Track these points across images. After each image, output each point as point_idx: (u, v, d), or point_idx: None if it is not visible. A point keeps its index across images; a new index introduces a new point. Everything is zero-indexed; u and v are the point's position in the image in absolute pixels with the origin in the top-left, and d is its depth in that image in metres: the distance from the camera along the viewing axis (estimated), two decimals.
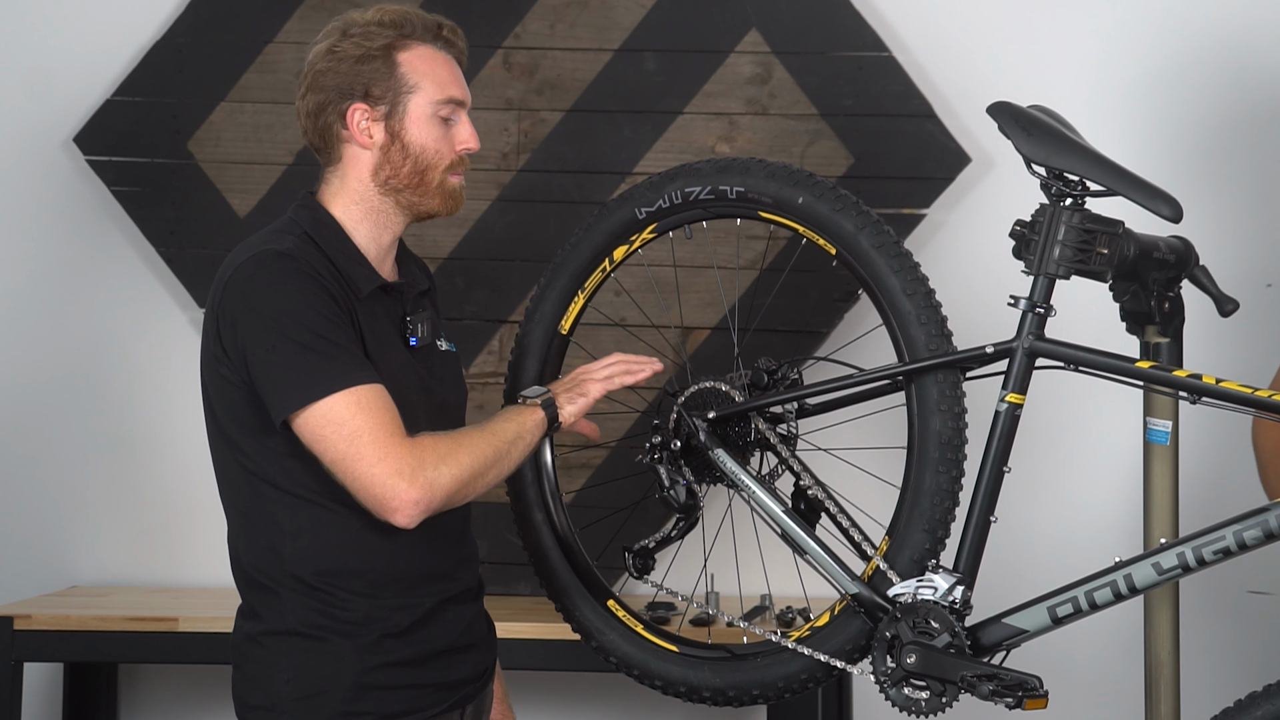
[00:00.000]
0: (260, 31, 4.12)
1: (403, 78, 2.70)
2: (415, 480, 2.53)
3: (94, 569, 4.22)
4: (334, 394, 2.53)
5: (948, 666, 2.63)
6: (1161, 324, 2.83)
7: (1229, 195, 3.94)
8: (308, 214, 2.72)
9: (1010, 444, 2.69)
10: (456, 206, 2.77)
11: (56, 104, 4.19)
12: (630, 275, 3.68)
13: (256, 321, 2.57)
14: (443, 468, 2.55)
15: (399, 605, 2.65)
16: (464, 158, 2.76)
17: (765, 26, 4.03)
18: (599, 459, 4.03)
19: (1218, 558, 2.54)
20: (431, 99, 2.71)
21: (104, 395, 4.21)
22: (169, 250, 4.14)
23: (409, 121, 2.70)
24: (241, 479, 2.64)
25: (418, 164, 2.70)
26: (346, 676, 2.62)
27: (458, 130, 2.74)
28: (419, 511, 2.54)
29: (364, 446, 2.52)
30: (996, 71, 3.99)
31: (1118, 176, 2.65)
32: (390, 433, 2.54)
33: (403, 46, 2.71)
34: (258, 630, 2.66)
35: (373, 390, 2.55)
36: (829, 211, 2.78)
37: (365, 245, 2.72)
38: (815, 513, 2.87)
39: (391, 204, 2.72)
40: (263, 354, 2.56)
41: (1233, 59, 3.96)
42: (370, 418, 2.53)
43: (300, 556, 2.62)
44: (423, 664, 2.67)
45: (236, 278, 2.60)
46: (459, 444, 2.59)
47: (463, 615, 2.74)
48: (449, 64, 2.75)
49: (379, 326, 2.68)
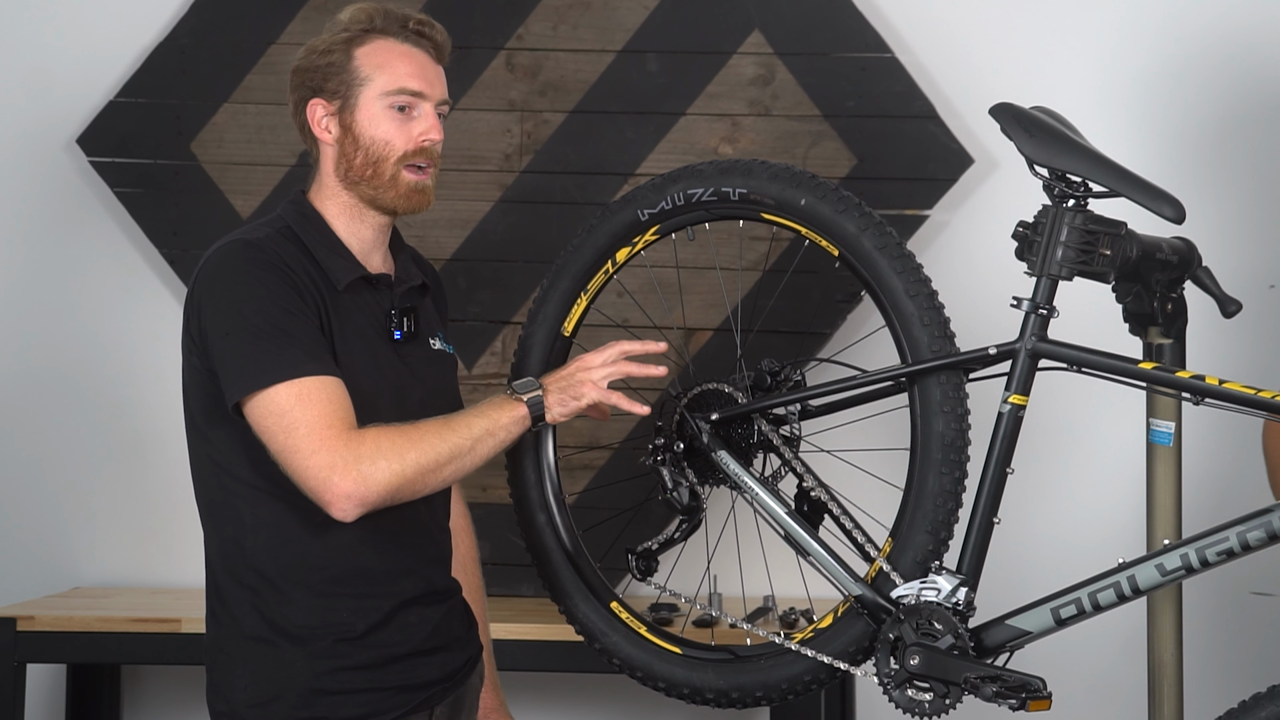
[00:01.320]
0: (263, 33, 4.12)
1: (355, 70, 2.71)
2: (348, 474, 2.51)
3: (97, 570, 4.22)
4: (279, 384, 2.53)
5: (951, 668, 2.63)
6: (1164, 325, 2.83)
7: (1232, 196, 3.94)
8: (294, 208, 2.74)
9: (1013, 445, 2.69)
10: (419, 203, 2.73)
11: (59, 105, 4.19)
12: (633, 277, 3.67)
13: (216, 307, 2.59)
14: (381, 462, 2.52)
15: (357, 607, 2.64)
16: (426, 150, 2.72)
17: (768, 28, 4.03)
18: (602, 461, 4.03)
19: (1221, 559, 2.54)
20: (382, 90, 2.70)
21: (107, 396, 4.21)
22: (172, 251, 4.15)
23: (359, 113, 2.70)
24: (209, 470, 2.66)
25: (369, 156, 2.70)
26: (298, 682, 2.62)
27: (416, 123, 2.71)
28: (352, 505, 2.52)
29: (300, 438, 2.52)
30: (999, 73, 3.99)
31: (1120, 177, 2.64)
32: (328, 424, 2.52)
33: (362, 41, 2.72)
34: (219, 635, 2.67)
35: (320, 382, 2.55)
36: (832, 213, 2.78)
37: (347, 238, 2.73)
38: (818, 514, 2.87)
39: (356, 198, 2.73)
40: (219, 340, 2.58)
41: (1235, 59, 3.96)
42: (309, 409, 2.53)
43: (261, 550, 2.63)
44: (381, 667, 2.66)
45: (207, 266, 2.64)
46: (408, 438, 2.56)
47: (427, 618, 2.72)
48: (410, 56, 2.72)
49: (354, 319, 2.68)
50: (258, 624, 2.63)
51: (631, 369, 2.73)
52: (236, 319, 2.57)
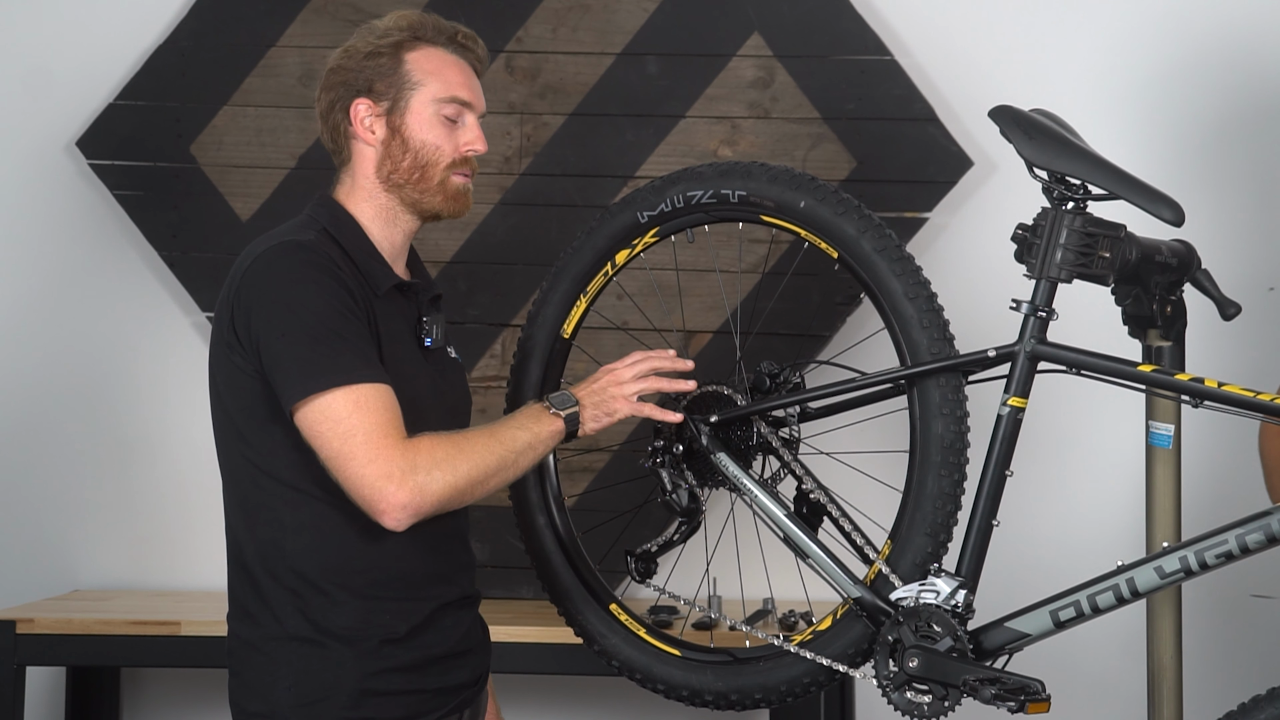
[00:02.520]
0: (263, 36, 4.12)
1: (407, 74, 2.71)
2: (404, 484, 2.52)
3: (96, 573, 4.22)
4: (334, 389, 2.53)
5: (950, 670, 2.63)
6: (1164, 328, 2.83)
7: (1231, 199, 3.94)
8: (326, 211, 2.73)
9: (1012, 448, 2.69)
10: (462, 208, 2.76)
11: (59, 108, 4.19)
12: (632, 279, 3.68)
13: (271, 309, 2.57)
14: (436, 473, 2.54)
15: (399, 609, 2.65)
16: (469, 160, 2.74)
17: (767, 30, 4.03)
18: (601, 463, 4.03)
19: (1220, 561, 2.54)
20: (434, 96, 2.71)
21: (106, 399, 4.21)
22: (171, 254, 4.15)
23: (410, 116, 2.71)
24: (246, 472, 2.64)
25: (418, 159, 2.70)
26: (348, 683, 2.61)
27: (463, 132, 2.74)
28: (406, 515, 2.53)
29: (357, 446, 2.52)
30: (998, 75, 3.99)
31: (1119, 180, 2.64)
32: (385, 433, 2.53)
33: (412, 46, 2.73)
34: (255, 635, 2.65)
35: (375, 389, 2.55)
36: (831, 215, 2.78)
37: (380, 243, 2.73)
38: (817, 516, 2.87)
39: (396, 201, 2.73)
40: (274, 341, 2.56)
41: (1234, 62, 3.96)
42: (366, 417, 2.53)
43: (301, 552, 2.62)
44: (422, 669, 2.67)
45: (256, 266, 2.61)
46: (460, 449, 2.57)
47: (461, 621, 2.74)
48: (459, 67, 2.75)
49: (394, 325, 2.68)
50: (302, 625, 2.62)
51: (661, 384, 2.78)
52: (293, 322, 2.56)
